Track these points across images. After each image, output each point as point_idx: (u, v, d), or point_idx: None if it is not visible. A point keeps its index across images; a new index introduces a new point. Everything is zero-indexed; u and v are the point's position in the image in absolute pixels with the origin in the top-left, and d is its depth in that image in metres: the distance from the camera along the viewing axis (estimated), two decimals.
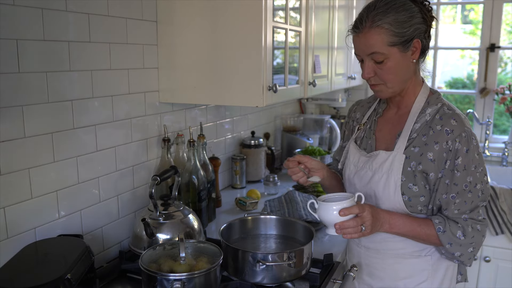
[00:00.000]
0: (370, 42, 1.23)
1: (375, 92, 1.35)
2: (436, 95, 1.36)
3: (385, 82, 1.29)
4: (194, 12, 1.66)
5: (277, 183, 2.35)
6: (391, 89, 1.31)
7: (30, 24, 1.25)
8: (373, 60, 1.26)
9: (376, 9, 1.22)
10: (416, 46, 1.26)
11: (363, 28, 1.24)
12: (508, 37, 4.33)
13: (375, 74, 1.28)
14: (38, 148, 1.30)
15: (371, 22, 1.22)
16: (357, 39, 1.27)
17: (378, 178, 1.34)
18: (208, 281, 1.23)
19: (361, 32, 1.24)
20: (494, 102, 3.12)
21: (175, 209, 1.51)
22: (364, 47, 1.25)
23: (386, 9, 1.22)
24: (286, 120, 2.94)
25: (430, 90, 1.38)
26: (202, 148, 1.90)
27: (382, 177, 1.33)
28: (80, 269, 1.16)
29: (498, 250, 2.66)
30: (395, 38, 1.22)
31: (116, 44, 1.55)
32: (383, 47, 1.22)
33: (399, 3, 1.23)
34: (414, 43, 1.25)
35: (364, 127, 1.47)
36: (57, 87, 1.34)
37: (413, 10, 1.23)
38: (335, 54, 2.50)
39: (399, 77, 1.29)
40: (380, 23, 1.21)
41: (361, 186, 1.39)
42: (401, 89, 1.33)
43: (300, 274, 1.40)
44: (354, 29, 1.27)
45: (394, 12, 1.21)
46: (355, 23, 1.26)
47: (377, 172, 1.34)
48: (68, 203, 1.42)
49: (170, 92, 1.76)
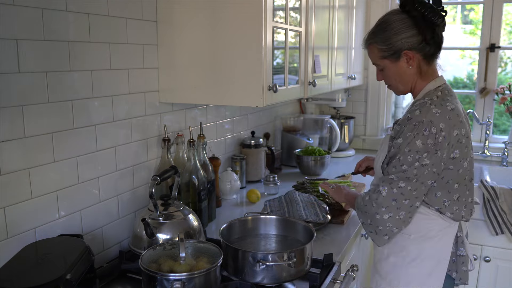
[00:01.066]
0: (370, 56, 1.56)
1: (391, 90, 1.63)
2: (433, 92, 1.47)
3: (390, 85, 1.58)
4: (194, 12, 1.66)
5: (277, 183, 2.35)
6: (396, 89, 1.58)
7: (30, 24, 1.25)
8: (377, 68, 1.57)
9: (373, 29, 1.53)
10: (409, 56, 1.46)
11: (365, 45, 1.57)
12: (508, 37, 4.33)
13: (383, 78, 1.58)
14: (38, 148, 1.30)
15: (366, 42, 1.55)
16: (367, 52, 1.59)
17: (378, 154, 1.60)
18: (208, 281, 1.23)
19: (365, 48, 1.59)
20: (494, 102, 3.12)
21: (175, 209, 1.51)
22: (370, 59, 1.58)
23: (379, 29, 1.50)
24: (286, 120, 2.94)
25: (438, 87, 1.49)
26: (202, 148, 1.90)
27: (378, 154, 1.58)
28: (80, 269, 1.16)
29: (498, 250, 2.66)
30: (384, 53, 1.49)
31: (116, 44, 1.55)
32: (377, 60, 1.53)
33: (391, 21, 1.47)
34: (405, 53, 1.46)
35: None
36: (57, 87, 1.34)
37: (403, 26, 1.45)
38: (335, 54, 2.50)
39: (398, 81, 1.54)
40: (372, 41, 1.52)
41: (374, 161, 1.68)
42: (406, 89, 1.55)
43: (300, 274, 1.40)
44: (363, 45, 1.59)
45: (383, 31, 1.48)
46: (363, 40, 1.58)
47: (378, 151, 1.60)
48: (68, 203, 1.42)
49: (170, 92, 1.77)
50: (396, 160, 1.41)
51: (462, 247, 1.53)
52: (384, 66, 1.52)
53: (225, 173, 2.23)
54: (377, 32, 1.51)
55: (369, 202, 1.45)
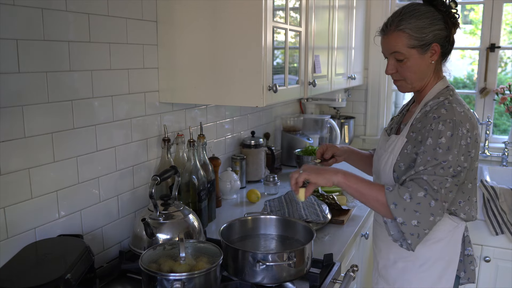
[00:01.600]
0: (393, 43, 1.42)
1: (397, 87, 1.52)
2: (446, 91, 1.45)
3: (404, 79, 1.46)
4: (194, 12, 1.66)
5: (277, 183, 2.35)
6: (410, 85, 1.48)
7: (30, 24, 1.25)
8: (395, 59, 1.44)
9: (401, 15, 1.41)
10: (435, 49, 1.41)
11: (388, 31, 1.43)
12: (508, 37, 4.33)
13: (397, 71, 1.46)
14: (38, 148, 1.30)
15: (395, 26, 1.41)
16: (383, 39, 1.47)
17: (383, 156, 1.51)
18: (208, 281, 1.23)
19: (386, 34, 1.44)
20: (494, 102, 3.12)
21: (175, 209, 1.51)
22: (388, 46, 1.45)
23: (410, 16, 1.39)
24: (286, 120, 2.94)
25: (447, 87, 1.47)
26: (202, 148, 1.90)
27: (386, 155, 1.50)
28: (80, 269, 1.16)
29: (498, 250, 2.66)
30: (415, 42, 1.39)
31: (116, 44, 1.55)
32: (403, 48, 1.40)
33: (422, 11, 1.40)
34: (433, 47, 1.40)
35: (396, 118, 1.64)
36: (57, 87, 1.34)
37: (435, 18, 1.39)
38: (335, 54, 2.50)
39: (417, 75, 1.45)
40: (403, 27, 1.39)
41: (375, 162, 1.60)
42: (420, 86, 1.48)
43: (300, 274, 1.39)
44: (382, 32, 1.46)
45: (416, 19, 1.39)
46: (383, 26, 1.46)
47: (385, 152, 1.51)
48: (68, 203, 1.42)
49: (170, 92, 1.76)
50: (435, 162, 1.31)
51: (470, 247, 1.52)
52: (409, 57, 1.41)
53: (225, 173, 2.23)
54: (408, 18, 1.39)
55: (424, 200, 1.28)
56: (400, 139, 1.47)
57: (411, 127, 1.45)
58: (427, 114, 1.41)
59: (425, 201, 1.28)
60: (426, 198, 1.28)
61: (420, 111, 1.46)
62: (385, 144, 1.54)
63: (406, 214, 1.28)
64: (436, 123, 1.34)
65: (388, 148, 1.50)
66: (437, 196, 1.29)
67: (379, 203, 1.33)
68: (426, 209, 1.28)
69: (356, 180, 1.37)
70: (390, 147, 1.49)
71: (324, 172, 1.39)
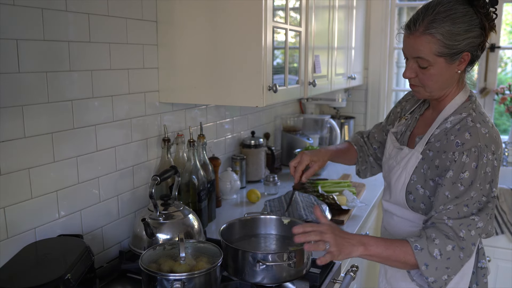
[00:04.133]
0: (418, 47, 1.23)
1: (413, 92, 1.36)
2: (468, 104, 1.31)
3: (424, 86, 1.29)
4: (194, 12, 1.66)
5: (277, 183, 2.35)
6: (428, 93, 1.31)
7: (30, 24, 1.25)
8: (418, 64, 1.26)
9: (434, 14, 1.20)
10: (465, 59, 1.24)
11: (415, 31, 1.22)
12: (508, 37, 4.33)
13: (416, 76, 1.29)
14: (38, 148, 1.30)
15: (424, 28, 1.20)
16: (407, 39, 1.26)
17: (395, 170, 1.39)
18: (208, 281, 1.23)
19: (412, 34, 1.24)
20: (494, 102, 3.12)
21: (175, 209, 1.51)
22: (412, 49, 1.25)
23: (444, 17, 1.19)
24: (286, 120, 2.94)
25: (468, 98, 1.33)
26: (202, 148, 1.90)
27: (398, 170, 1.38)
28: (80, 269, 1.16)
29: (498, 250, 2.66)
30: (444, 49, 1.21)
31: (116, 44, 1.55)
32: (430, 55, 1.22)
33: (459, 13, 1.19)
34: (463, 56, 1.23)
35: (405, 121, 1.48)
36: (57, 87, 1.34)
37: (472, 23, 1.20)
38: (335, 54, 2.50)
39: (439, 84, 1.28)
40: (434, 32, 1.19)
41: (385, 173, 1.49)
42: (439, 95, 1.32)
43: (300, 274, 1.39)
44: (407, 29, 1.26)
45: (451, 23, 1.19)
46: (410, 22, 1.25)
47: (397, 165, 1.39)
48: (68, 203, 1.42)
49: (170, 92, 1.76)
50: (456, 201, 1.20)
51: (483, 259, 1.44)
52: (434, 64, 1.23)
53: (225, 173, 2.23)
54: (441, 21, 1.18)
55: (453, 253, 1.19)
56: (414, 155, 1.34)
57: (427, 144, 1.32)
58: (447, 133, 1.27)
59: (454, 254, 1.20)
60: (455, 251, 1.20)
61: (439, 126, 1.32)
62: (397, 156, 1.42)
63: (438, 272, 1.20)
64: (460, 153, 1.21)
65: (400, 161, 1.38)
66: (463, 245, 1.20)
67: (408, 265, 1.22)
68: (457, 262, 1.21)
69: (377, 246, 1.21)
70: (403, 161, 1.37)
71: (343, 247, 1.18)
